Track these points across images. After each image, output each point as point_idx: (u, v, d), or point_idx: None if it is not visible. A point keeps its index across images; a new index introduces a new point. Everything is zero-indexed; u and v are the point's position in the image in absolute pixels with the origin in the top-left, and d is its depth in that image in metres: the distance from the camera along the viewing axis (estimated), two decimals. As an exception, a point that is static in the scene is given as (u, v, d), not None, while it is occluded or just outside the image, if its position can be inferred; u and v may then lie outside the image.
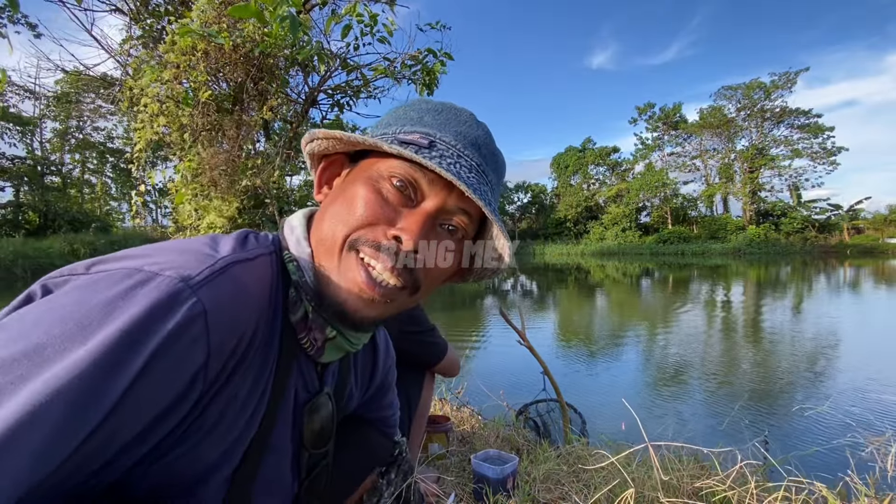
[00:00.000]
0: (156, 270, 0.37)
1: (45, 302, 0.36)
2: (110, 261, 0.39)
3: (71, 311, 0.34)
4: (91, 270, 0.39)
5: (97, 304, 0.34)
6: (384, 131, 0.51)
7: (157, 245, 0.43)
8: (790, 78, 35.12)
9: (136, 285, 0.35)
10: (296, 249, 0.49)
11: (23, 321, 0.34)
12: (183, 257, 0.39)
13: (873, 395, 3.51)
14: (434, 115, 0.52)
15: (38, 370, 0.31)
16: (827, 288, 11.95)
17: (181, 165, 2.30)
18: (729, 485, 1.19)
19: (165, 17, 2.68)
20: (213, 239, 0.45)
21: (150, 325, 0.34)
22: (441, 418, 1.74)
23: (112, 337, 0.33)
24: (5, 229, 20.66)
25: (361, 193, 0.47)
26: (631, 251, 35.75)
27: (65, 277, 0.39)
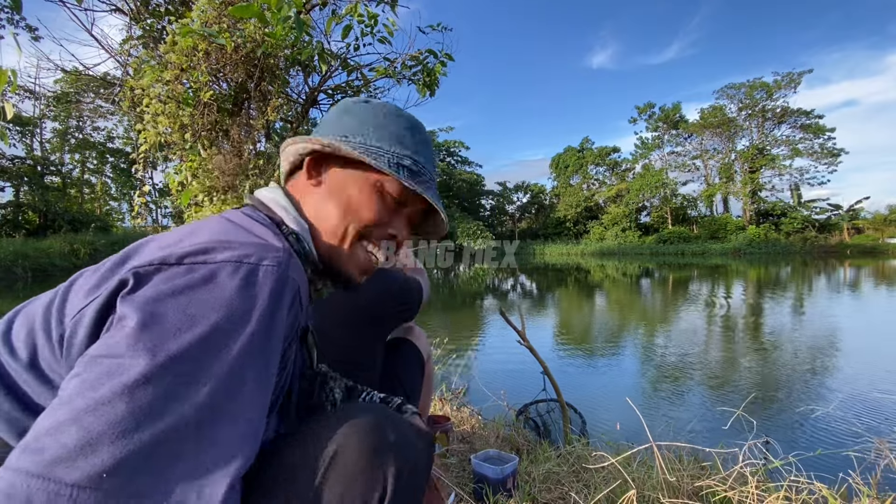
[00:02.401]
0: (255, 262, 0.45)
1: (170, 298, 0.40)
2: (195, 251, 0.43)
3: (223, 302, 0.41)
4: (186, 262, 0.43)
5: (237, 295, 0.42)
6: (377, 144, 0.62)
7: (203, 228, 0.49)
8: (794, 78, 35.12)
9: (252, 276, 0.43)
10: (294, 224, 0.59)
11: (159, 318, 0.38)
12: (259, 247, 0.47)
13: (876, 396, 3.51)
14: (412, 136, 0.65)
15: (228, 354, 0.39)
16: (828, 288, 11.95)
17: (182, 166, 2.30)
18: (730, 485, 1.19)
19: (166, 16, 2.68)
20: (247, 221, 0.54)
21: (279, 302, 0.45)
22: (441, 418, 1.74)
23: (264, 315, 0.43)
24: (5, 229, 20.64)
25: (371, 200, 0.62)
26: (631, 251, 35.74)
27: (156, 266, 0.42)
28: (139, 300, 0.39)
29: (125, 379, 0.34)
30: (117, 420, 0.33)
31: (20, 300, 0.50)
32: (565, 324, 7.55)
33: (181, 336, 0.37)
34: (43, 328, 0.44)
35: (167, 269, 0.41)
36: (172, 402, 0.35)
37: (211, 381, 0.38)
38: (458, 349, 5.30)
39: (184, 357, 0.37)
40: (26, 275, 15.33)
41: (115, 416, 0.33)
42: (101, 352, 0.37)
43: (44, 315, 0.45)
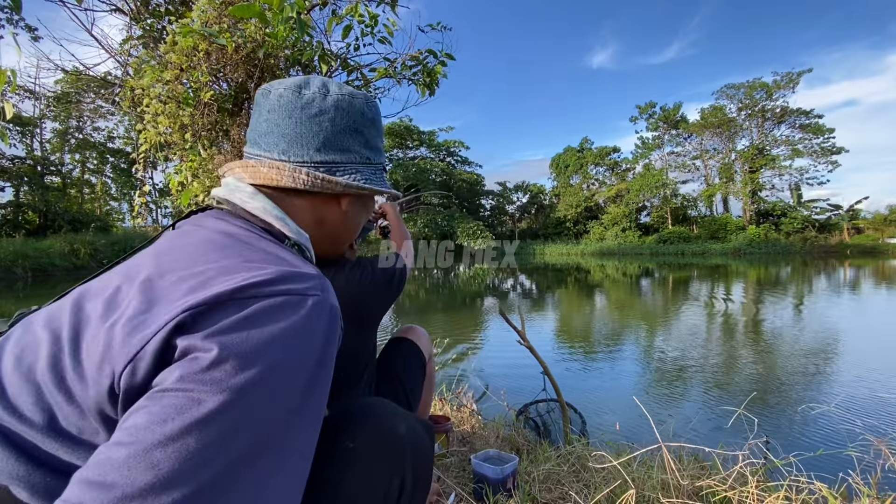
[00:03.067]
0: (309, 293, 0.45)
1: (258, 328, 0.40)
2: (263, 285, 0.43)
3: (289, 336, 0.41)
4: (244, 296, 0.41)
5: (302, 329, 0.42)
6: (379, 160, 0.67)
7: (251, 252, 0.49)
8: (793, 78, 35.11)
9: (314, 309, 0.44)
10: (296, 236, 0.58)
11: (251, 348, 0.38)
12: (305, 279, 0.46)
13: (877, 396, 3.51)
14: (382, 136, 0.70)
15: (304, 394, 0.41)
16: (828, 288, 11.95)
17: (182, 166, 2.30)
18: (730, 485, 1.19)
19: (166, 16, 2.68)
20: (256, 240, 0.53)
21: (333, 334, 0.45)
22: (441, 418, 1.74)
23: (324, 348, 0.43)
24: (5, 229, 20.64)
25: (367, 215, 0.72)
26: (631, 251, 35.73)
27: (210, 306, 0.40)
28: (206, 335, 0.37)
29: (196, 414, 0.34)
30: (188, 456, 0.32)
31: (20, 300, 0.48)
32: (565, 324, 7.55)
33: (257, 372, 0.37)
34: (59, 388, 0.40)
35: (225, 305, 0.40)
36: (247, 438, 0.35)
37: (283, 419, 0.38)
38: (458, 349, 5.30)
39: (258, 393, 0.36)
40: (26, 275, 15.33)
41: (186, 452, 0.33)
42: (169, 385, 0.36)
43: (54, 376, 0.40)
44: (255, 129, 0.62)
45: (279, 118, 0.59)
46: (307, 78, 0.63)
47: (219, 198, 0.59)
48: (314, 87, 0.61)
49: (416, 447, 0.60)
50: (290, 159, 0.59)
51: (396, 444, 0.57)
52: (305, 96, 0.59)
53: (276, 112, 0.59)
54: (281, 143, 0.59)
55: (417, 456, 0.59)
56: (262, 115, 0.61)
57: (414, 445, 0.59)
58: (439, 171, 39.18)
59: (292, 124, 0.59)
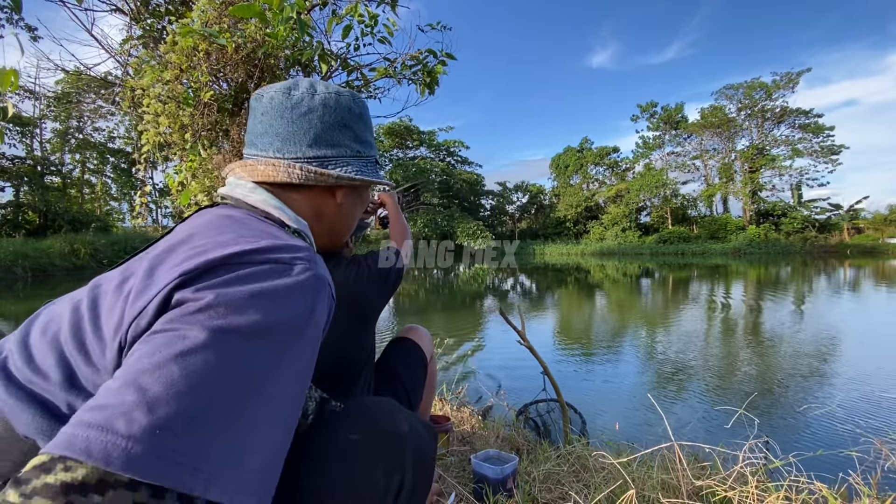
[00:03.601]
0: (291, 261, 0.48)
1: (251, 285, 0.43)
2: (253, 253, 0.46)
3: (280, 295, 0.44)
4: (245, 260, 0.45)
5: (292, 289, 0.45)
6: (370, 153, 0.71)
7: (246, 230, 0.52)
8: (792, 78, 35.11)
9: (297, 273, 0.47)
10: (295, 224, 0.62)
11: (242, 300, 0.42)
12: (294, 250, 0.50)
13: (877, 396, 3.51)
14: (371, 133, 0.72)
15: (288, 344, 0.43)
16: (828, 288, 11.95)
17: (182, 166, 2.30)
18: (730, 485, 1.19)
19: (166, 16, 2.68)
20: (256, 222, 0.56)
21: (319, 298, 0.48)
22: (441, 418, 1.74)
23: (312, 310, 0.46)
24: (5, 229, 20.64)
25: (357, 214, 0.74)
26: (631, 251, 35.73)
27: (204, 269, 0.44)
28: (197, 288, 0.42)
29: (180, 346, 0.37)
30: (172, 381, 0.36)
31: (20, 300, 0.50)
32: (565, 324, 7.55)
33: (239, 317, 0.40)
34: (79, 351, 0.45)
35: (217, 269, 0.44)
36: (225, 372, 0.38)
37: (261, 364, 0.40)
38: (458, 349, 5.30)
39: (238, 335, 0.40)
40: (26, 275, 15.32)
41: (171, 378, 0.36)
42: (158, 327, 0.40)
43: (75, 339, 0.45)
44: (252, 132, 0.66)
45: (272, 119, 0.64)
46: (296, 80, 0.67)
47: (223, 194, 0.64)
48: (302, 88, 0.65)
49: (417, 447, 0.61)
50: (285, 156, 0.63)
51: (398, 442, 0.59)
52: (294, 97, 0.64)
53: (269, 114, 0.64)
54: (275, 142, 0.63)
55: (418, 455, 0.61)
56: (256, 117, 0.66)
57: (415, 445, 0.61)
58: (439, 171, 39.16)
59: (284, 124, 0.63)
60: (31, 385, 0.45)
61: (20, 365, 0.46)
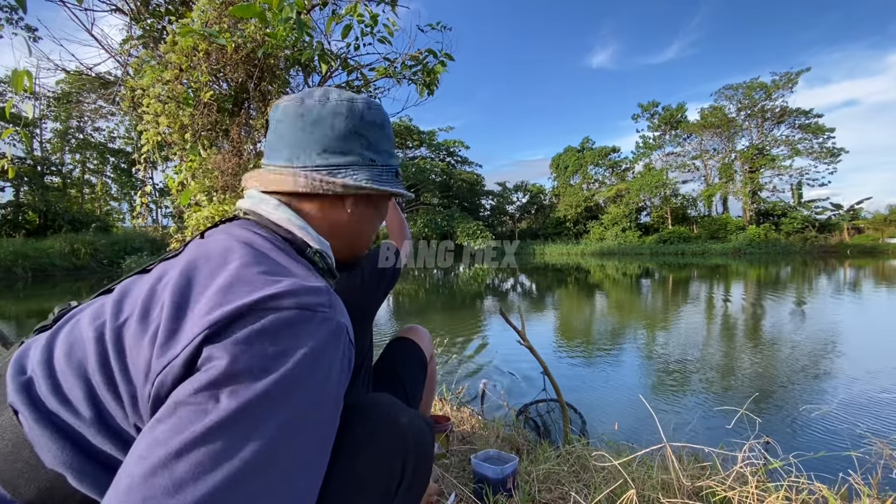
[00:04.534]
0: (315, 308, 0.47)
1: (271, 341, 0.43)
2: (278, 297, 0.45)
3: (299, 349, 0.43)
4: (270, 306, 0.44)
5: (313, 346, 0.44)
6: (388, 163, 0.69)
7: (269, 263, 0.52)
8: (791, 78, 35.10)
9: (320, 324, 0.46)
10: (318, 244, 0.62)
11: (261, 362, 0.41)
12: (315, 294, 0.48)
13: (878, 396, 3.51)
14: (392, 139, 0.71)
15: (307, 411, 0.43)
16: (828, 288, 11.95)
17: (182, 166, 2.30)
18: (729, 485, 1.19)
19: (166, 16, 2.68)
20: (275, 253, 0.55)
21: (340, 348, 0.48)
22: (441, 418, 1.74)
23: (329, 366, 0.46)
24: (5, 229, 20.64)
25: (378, 221, 0.74)
26: (631, 251, 35.73)
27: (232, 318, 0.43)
28: (227, 342, 0.41)
29: (207, 422, 0.37)
30: (199, 462, 0.36)
31: (20, 300, 0.49)
32: (565, 324, 7.55)
33: (259, 383, 0.40)
34: (108, 388, 0.44)
35: (245, 318, 0.43)
36: (249, 447, 0.38)
37: (284, 429, 0.40)
38: (458, 349, 5.30)
39: (261, 405, 0.39)
40: (26, 275, 15.33)
41: (198, 458, 0.36)
42: (181, 398, 0.39)
43: (103, 374, 0.45)
44: (268, 143, 0.66)
45: (285, 128, 0.63)
46: (313, 89, 0.66)
47: (245, 209, 0.63)
48: (316, 96, 0.64)
49: (417, 435, 0.64)
50: (294, 165, 0.62)
51: (399, 431, 0.61)
52: (306, 105, 0.63)
53: (283, 123, 0.64)
54: (285, 151, 0.63)
55: (418, 443, 0.63)
56: (272, 127, 0.66)
57: (415, 433, 0.64)
58: (439, 171, 39.17)
59: (295, 132, 0.63)
60: (60, 416, 0.44)
61: (46, 392, 0.45)
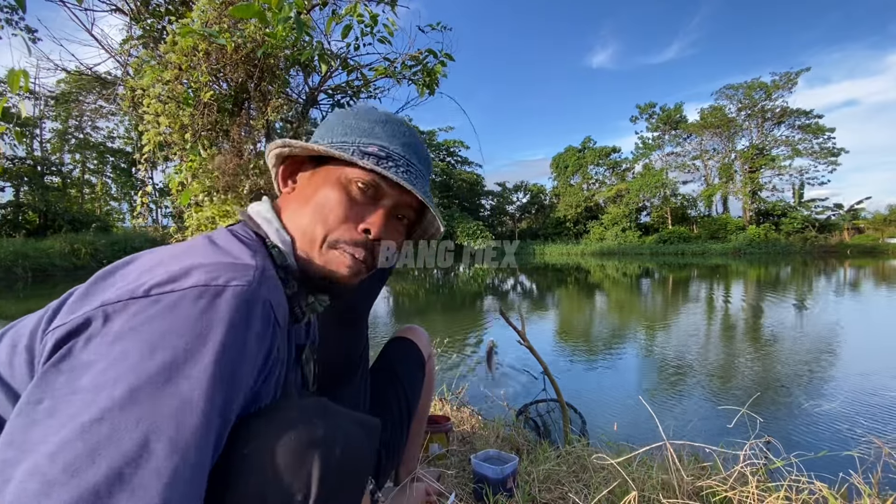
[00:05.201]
0: (223, 283, 0.44)
1: (133, 332, 0.40)
2: (164, 281, 0.43)
3: (182, 330, 0.40)
4: (153, 293, 0.42)
5: (197, 321, 0.41)
6: (343, 140, 0.61)
7: (181, 252, 0.49)
8: (791, 78, 35.13)
9: (216, 299, 0.43)
10: (276, 238, 0.58)
11: (123, 355, 0.39)
12: (229, 268, 0.46)
13: (878, 396, 3.51)
14: (382, 127, 0.64)
15: (171, 391, 0.38)
16: (828, 288, 11.95)
17: (182, 166, 2.30)
18: (730, 485, 1.19)
19: (166, 16, 2.68)
20: (227, 241, 0.53)
21: (247, 325, 0.44)
22: (441, 418, 1.74)
23: (227, 340, 0.42)
24: (5, 229, 20.64)
25: (334, 196, 0.59)
26: (631, 251, 35.74)
27: (124, 302, 0.42)
28: (105, 339, 0.40)
29: (83, 418, 0.35)
30: (72, 460, 0.34)
31: (20, 300, 0.50)
32: (565, 324, 7.55)
33: (139, 371, 0.38)
34: (26, 347, 0.46)
35: (134, 302, 0.41)
36: (125, 439, 0.36)
37: (162, 418, 0.37)
38: (458, 349, 5.30)
39: (140, 393, 0.37)
40: (26, 275, 15.32)
41: (71, 456, 0.34)
42: (65, 388, 0.38)
43: (30, 332, 0.47)
44: None
45: None
46: None
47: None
48: None
49: (332, 456, 0.50)
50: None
51: (299, 453, 0.48)
52: None
53: None
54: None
55: (333, 463, 0.50)
56: None
57: (329, 454, 0.50)
58: (439, 171, 39.18)
59: None
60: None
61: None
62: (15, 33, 1.35)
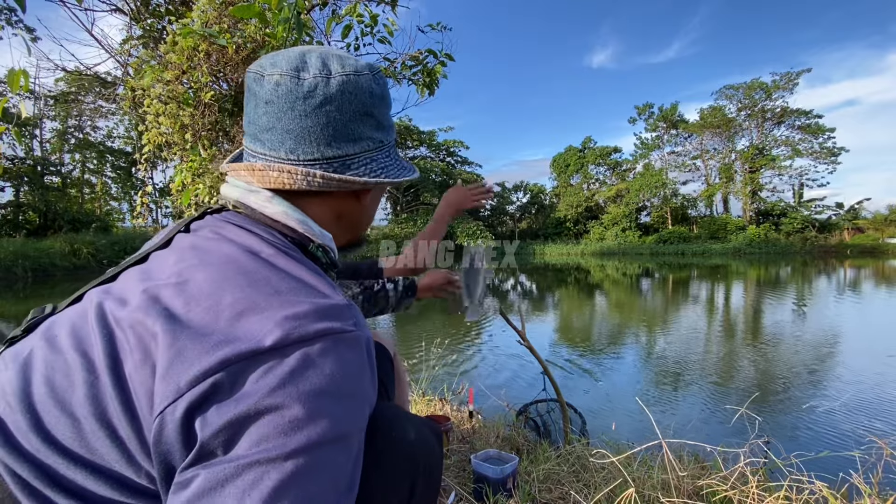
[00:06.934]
0: (342, 330, 0.42)
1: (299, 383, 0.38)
2: (301, 326, 0.40)
3: (336, 384, 0.40)
4: (294, 339, 0.39)
5: (352, 373, 0.42)
6: (390, 138, 0.62)
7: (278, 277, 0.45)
8: (791, 78, 35.13)
9: (351, 346, 0.42)
10: (321, 239, 0.57)
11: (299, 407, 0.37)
12: (338, 313, 0.44)
13: (879, 396, 3.51)
14: (390, 111, 0.64)
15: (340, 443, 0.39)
16: (828, 288, 11.94)
17: (183, 166, 2.30)
18: (731, 484, 1.19)
19: (166, 16, 2.68)
20: (303, 273, 0.48)
21: (373, 367, 0.45)
22: (441, 418, 1.74)
23: (368, 388, 0.44)
24: (5, 229, 20.66)
25: (377, 205, 0.68)
26: (631, 251, 35.74)
27: (248, 361, 0.38)
28: (254, 397, 0.36)
29: (270, 484, 0.35)
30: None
31: (20, 300, 0.47)
32: (565, 324, 7.55)
33: (308, 430, 0.37)
34: (101, 425, 0.39)
35: (261, 359, 0.38)
36: (315, 489, 0.37)
37: (343, 461, 0.39)
38: (458, 349, 5.30)
39: (317, 450, 0.37)
40: (26, 275, 15.32)
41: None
42: (235, 455, 0.35)
43: (94, 407, 0.39)
44: (255, 123, 0.55)
45: (280, 111, 0.53)
46: (302, 56, 0.54)
47: (234, 200, 0.55)
48: (314, 68, 0.53)
49: (425, 451, 0.60)
50: (300, 158, 0.53)
51: (407, 450, 0.57)
52: (306, 83, 0.52)
53: (276, 104, 0.53)
54: (287, 141, 0.53)
55: (427, 460, 0.60)
56: (259, 105, 0.54)
57: (424, 449, 0.60)
58: (439, 171, 39.20)
59: (297, 118, 0.52)
60: (40, 456, 0.38)
61: (26, 428, 0.39)
62: (15, 33, 1.35)
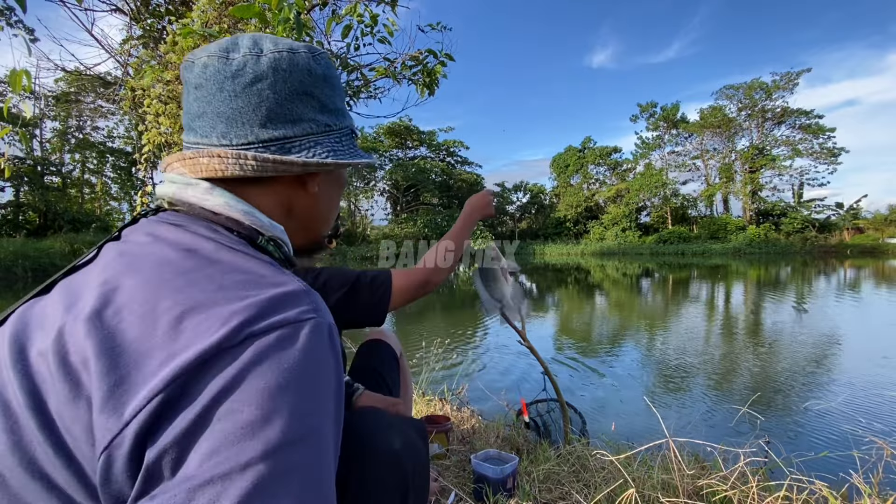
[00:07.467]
0: (298, 318, 0.38)
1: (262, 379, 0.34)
2: (252, 321, 0.36)
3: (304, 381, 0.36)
4: (246, 334, 0.35)
5: (313, 363, 0.37)
6: (342, 123, 0.56)
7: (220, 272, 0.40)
8: (792, 78, 35.15)
9: (310, 335, 0.38)
10: (271, 230, 0.50)
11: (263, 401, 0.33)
12: (294, 300, 0.39)
13: (879, 396, 3.51)
14: (341, 97, 0.57)
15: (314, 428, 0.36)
16: (828, 289, 11.95)
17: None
18: (731, 484, 1.19)
19: (166, 16, 2.68)
20: (253, 265, 0.43)
21: (336, 354, 0.40)
22: (441, 418, 1.74)
23: (332, 376, 0.39)
24: (5, 229, 20.67)
25: (337, 200, 0.61)
26: (631, 251, 35.75)
27: (204, 361, 0.33)
28: (203, 408, 0.32)
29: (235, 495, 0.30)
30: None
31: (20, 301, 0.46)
32: (566, 324, 7.55)
33: (263, 434, 0.32)
34: (27, 470, 0.34)
35: (210, 363, 0.33)
36: (293, 478, 0.33)
37: (316, 457, 0.36)
38: (458, 349, 5.30)
39: (273, 455, 0.32)
40: (26, 275, 15.33)
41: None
42: (189, 474, 0.30)
43: (20, 454, 0.34)
44: (188, 112, 0.51)
45: (209, 94, 0.49)
46: (235, 38, 0.51)
47: (170, 197, 0.49)
48: (244, 47, 0.49)
49: (413, 458, 0.61)
50: (233, 143, 0.49)
51: (395, 463, 0.57)
52: (235, 62, 0.48)
53: (205, 87, 0.49)
54: (218, 125, 0.49)
55: (415, 466, 0.61)
56: (190, 92, 0.51)
57: (412, 457, 0.60)
58: (439, 171, 39.22)
59: (226, 99, 0.48)
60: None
61: None
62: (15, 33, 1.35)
